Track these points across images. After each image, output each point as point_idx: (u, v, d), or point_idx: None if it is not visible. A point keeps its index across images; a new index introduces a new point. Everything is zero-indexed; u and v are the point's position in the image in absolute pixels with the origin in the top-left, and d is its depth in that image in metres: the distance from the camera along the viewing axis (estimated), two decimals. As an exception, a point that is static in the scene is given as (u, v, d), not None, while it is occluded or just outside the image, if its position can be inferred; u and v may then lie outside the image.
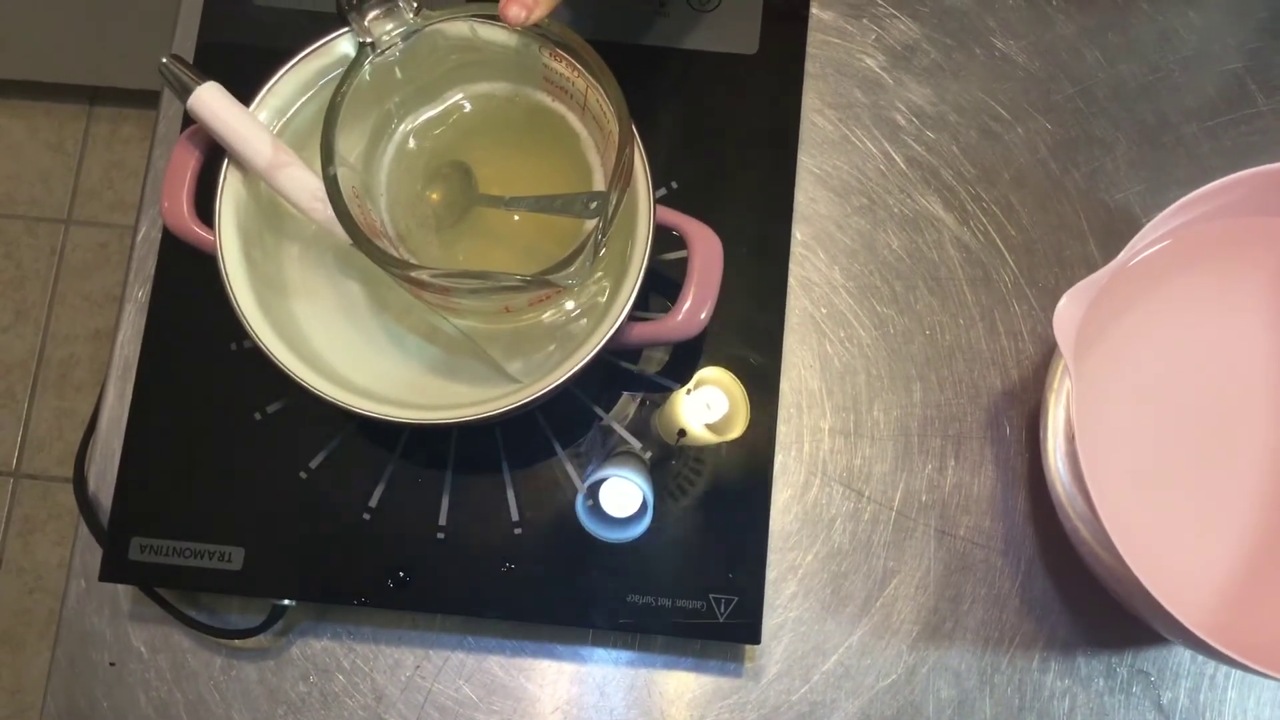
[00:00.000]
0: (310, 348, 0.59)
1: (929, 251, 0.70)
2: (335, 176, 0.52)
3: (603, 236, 0.51)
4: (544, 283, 0.51)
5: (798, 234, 0.70)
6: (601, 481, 0.61)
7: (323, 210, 0.55)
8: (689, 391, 0.64)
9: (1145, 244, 0.58)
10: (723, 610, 0.62)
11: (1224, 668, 0.66)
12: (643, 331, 0.58)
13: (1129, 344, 0.64)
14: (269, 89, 0.57)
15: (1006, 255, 0.70)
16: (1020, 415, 0.68)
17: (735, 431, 0.63)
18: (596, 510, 0.62)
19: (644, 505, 0.61)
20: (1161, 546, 0.62)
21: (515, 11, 0.54)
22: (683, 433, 0.64)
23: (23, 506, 1.55)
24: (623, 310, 0.55)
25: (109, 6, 1.36)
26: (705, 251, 0.57)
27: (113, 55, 1.47)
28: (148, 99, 0.72)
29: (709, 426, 0.63)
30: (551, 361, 0.58)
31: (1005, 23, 0.73)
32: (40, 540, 1.54)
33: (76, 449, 0.68)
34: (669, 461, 0.65)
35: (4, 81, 1.58)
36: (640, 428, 0.65)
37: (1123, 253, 0.56)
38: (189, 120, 0.58)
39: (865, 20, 0.73)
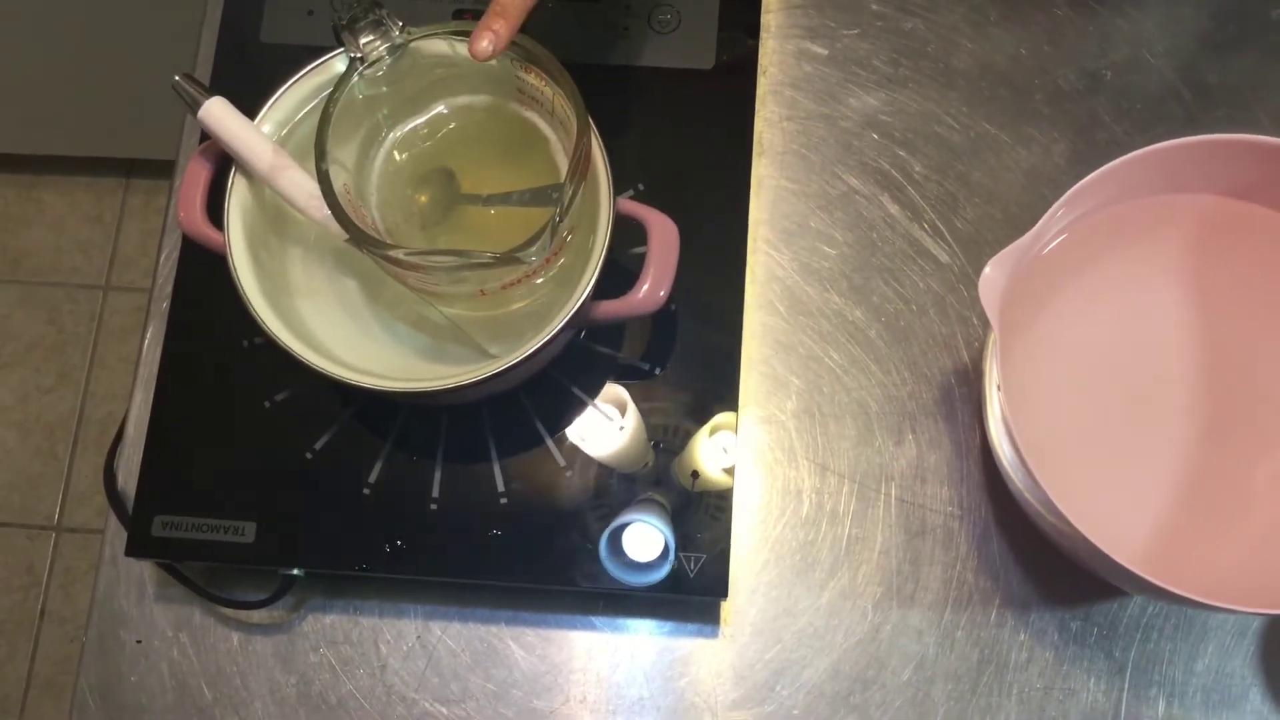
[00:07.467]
0: (314, 337, 0.65)
1: (882, 245, 0.76)
2: (327, 171, 0.59)
3: (561, 219, 0.57)
4: (511, 259, 0.57)
5: (759, 230, 0.76)
6: (624, 526, 0.66)
7: (319, 209, 0.61)
8: (710, 435, 0.70)
9: (1060, 214, 0.63)
10: (693, 568, 0.67)
11: (1171, 619, 0.70)
12: (608, 308, 0.64)
13: (1056, 323, 0.69)
14: (271, 104, 0.64)
15: (955, 246, 0.76)
16: (970, 392, 0.73)
17: None
18: (619, 554, 0.66)
19: (666, 550, 0.66)
20: (1100, 502, 0.66)
21: (482, 46, 0.60)
22: (696, 474, 0.69)
23: (64, 559, 1.61)
24: (588, 285, 0.61)
25: (141, 83, 1.44)
26: (663, 236, 0.64)
27: (147, 129, 1.56)
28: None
29: (724, 470, 0.69)
30: (526, 341, 0.64)
31: (948, 39, 0.80)
32: (81, 590, 1.60)
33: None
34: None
35: (46, 158, 1.69)
36: (662, 475, 0.70)
37: (1040, 222, 0.62)
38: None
39: (818, 38, 0.80)
